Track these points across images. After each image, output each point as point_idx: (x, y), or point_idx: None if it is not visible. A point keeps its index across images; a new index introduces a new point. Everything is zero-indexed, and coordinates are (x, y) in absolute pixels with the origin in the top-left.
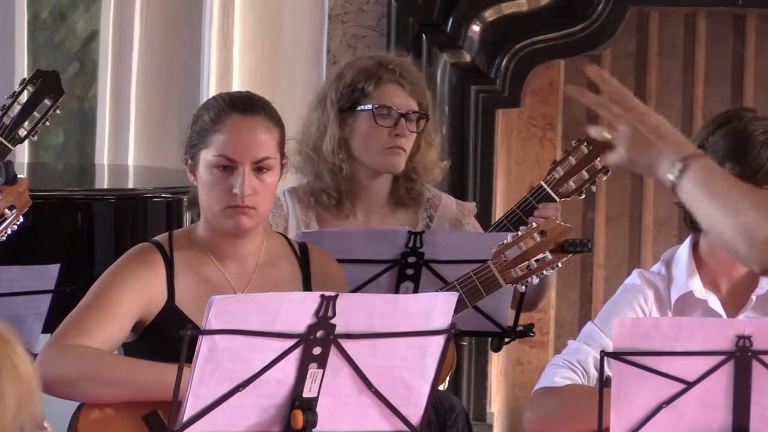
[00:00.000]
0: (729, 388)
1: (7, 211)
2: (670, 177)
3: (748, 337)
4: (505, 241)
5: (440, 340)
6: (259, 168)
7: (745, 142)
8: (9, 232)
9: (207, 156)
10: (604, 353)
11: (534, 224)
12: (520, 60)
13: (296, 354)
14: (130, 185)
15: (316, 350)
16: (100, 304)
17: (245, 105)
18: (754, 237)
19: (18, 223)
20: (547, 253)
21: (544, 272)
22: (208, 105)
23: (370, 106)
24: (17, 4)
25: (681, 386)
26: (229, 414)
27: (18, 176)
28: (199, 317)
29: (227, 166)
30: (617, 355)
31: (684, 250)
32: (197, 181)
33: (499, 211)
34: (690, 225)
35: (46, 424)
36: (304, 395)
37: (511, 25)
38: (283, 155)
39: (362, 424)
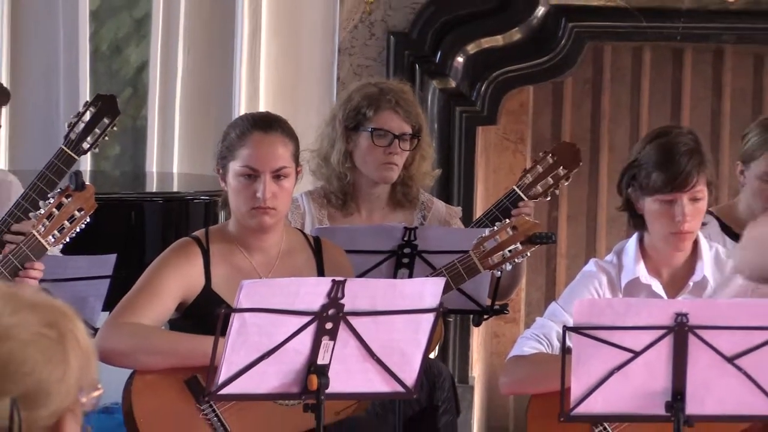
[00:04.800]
0: (669, 357)
1: (76, 212)
2: None
3: (686, 315)
4: (484, 235)
5: (431, 317)
6: (277, 176)
7: (670, 153)
8: (78, 230)
9: (234, 166)
10: (566, 327)
11: (508, 220)
12: (496, 86)
13: (312, 328)
14: (175, 189)
15: (328, 325)
16: (148, 289)
17: (265, 123)
18: None
19: (85, 222)
20: (518, 245)
21: (516, 260)
22: (235, 124)
23: (369, 129)
24: (80, 38)
25: (629, 355)
26: (256, 378)
27: (86, 183)
28: (231, 298)
29: (251, 175)
30: (577, 330)
31: (632, 242)
32: (227, 186)
33: (479, 210)
34: (633, 225)
35: (99, 386)
36: (319, 362)
37: (489, 57)
38: (297, 163)
39: (366, 386)
